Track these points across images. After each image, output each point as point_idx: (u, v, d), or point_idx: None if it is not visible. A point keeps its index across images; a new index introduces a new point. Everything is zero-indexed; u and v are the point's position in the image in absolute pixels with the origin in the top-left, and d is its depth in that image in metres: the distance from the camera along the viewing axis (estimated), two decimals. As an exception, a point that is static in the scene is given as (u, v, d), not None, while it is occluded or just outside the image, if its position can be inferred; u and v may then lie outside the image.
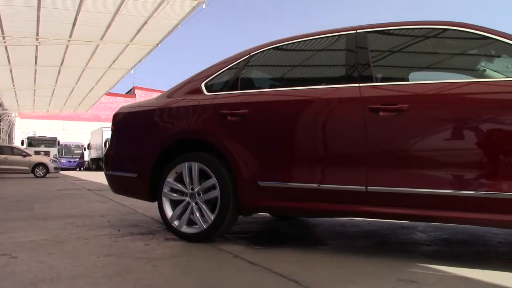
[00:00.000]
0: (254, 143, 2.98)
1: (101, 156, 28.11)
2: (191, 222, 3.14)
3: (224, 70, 3.36)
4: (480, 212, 2.35)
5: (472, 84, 2.52)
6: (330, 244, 3.12)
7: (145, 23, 12.78)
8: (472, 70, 2.82)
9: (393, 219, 3.46)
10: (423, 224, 3.88)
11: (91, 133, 36.07)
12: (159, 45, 14.91)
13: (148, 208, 5.23)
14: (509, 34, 2.50)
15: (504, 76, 2.54)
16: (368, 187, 2.58)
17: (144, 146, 3.44)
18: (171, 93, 3.57)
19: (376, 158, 2.59)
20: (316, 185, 2.74)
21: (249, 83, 3.33)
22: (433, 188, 2.42)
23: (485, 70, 2.72)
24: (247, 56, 3.32)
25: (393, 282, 2.10)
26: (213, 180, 3.04)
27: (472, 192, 2.34)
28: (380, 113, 2.58)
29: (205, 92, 3.33)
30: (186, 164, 3.16)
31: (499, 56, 2.65)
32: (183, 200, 3.17)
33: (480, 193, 2.32)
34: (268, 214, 4.44)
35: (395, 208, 2.55)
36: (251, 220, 4.24)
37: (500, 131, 2.35)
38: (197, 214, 3.08)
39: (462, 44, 2.79)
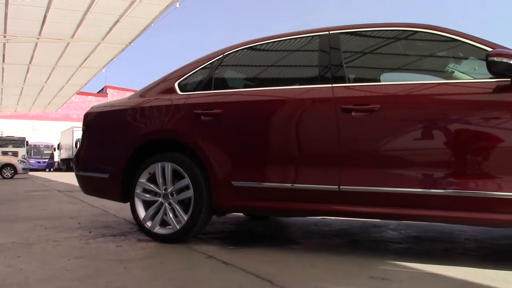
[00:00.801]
0: (228, 143, 2.97)
1: (72, 157, 27.51)
2: (164, 223, 3.11)
3: (198, 70, 3.34)
4: (448, 210, 2.41)
5: (441, 85, 2.58)
6: (303, 243, 3.15)
7: (117, 21, 12.57)
8: (441, 72, 2.89)
9: (365, 217, 3.52)
10: (394, 223, 3.95)
11: (61, 133, 35.25)
12: (132, 44, 14.70)
13: (120, 209, 5.15)
14: (476, 37, 2.58)
15: (471, 78, 2.62)
16: (341, 187, 2.61)
17: (116, 146, 3.39)
18: (143, 93, 3.53)
19: (349, 158, 2.63)
20: (290, 184, 2.76)
21: (223, 83, 3.33)
22: (404, 187, 2.47)
23: (453, 72, 2.80)
24: (221, 56, 3.31)
25: (365, 280, 2.13)
26: (186, 181, 3.02)
27: (441, 191, 2.39)
28: (353, 113, 2.61)
29: (179, 92, 3.31)
30: (159, 164, 3.13)
31: (466, 58, 2.72)
32: (156, 201, 3.13)
33: (449, 191, 2.38)
34: (242, 214, 4.44)
35: (367, 207, 2.60)
36: (225, 220, 4.23)
37: (467, 131, 2.41)
38: (170, 215, 3.05)
39: (431, 46, 2.86)
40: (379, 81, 2.89)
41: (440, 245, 3.02)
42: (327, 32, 2.97)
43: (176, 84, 3.35)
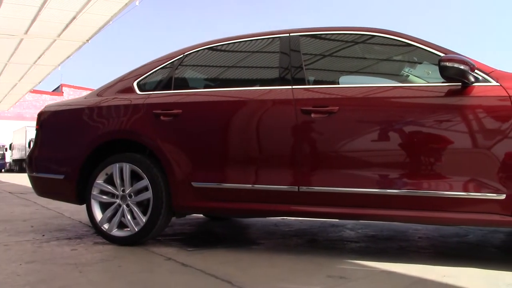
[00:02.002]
0: (187, 143, 2.95)
1: (24, 157, 26.45)
2: (122, 225, 3.05)
3: (158, 69, 3.30)
4: (403, 210, 2.49)
5: (397, 89, 2.67)
6: (263, 243, 3.16)
7: (74, 18, 12.19)
8: (397, 75, 2.98)
9: (324, 217, 3.58)
10: (351, 222, 4.04)
11: (13, 132, 33.82)
12: (89, 42, 14.31)
13: (75, 211, 5.00)
14: (430, 42, 2.67)
15: (425, 82, 2.72)
16: (300, 187, 2.64)
17: (72, 146, 3.29)
18: (101, 92, 3.44)
19: (308, 159, 2.67)
20: (250, 185, 2.77)
21: (183, 83, 3.29)
22: (361, 188, 2.53)
23: (408, 76, 2.89)
24: (181, 56, 3.28)
25: (323, 279, 2.16)
26: (145, 182, 2.97)
27: (397, 191, 2.47)
28: (312, 115, 2.65)
29: (137, 91, 3.25)
30: (117, 165, 3.06)
31: (420, 63, 2.82)
32: (114, 203, 3.06)
33: (403, 191, 2.46)
34: (202, 215, 4.42)
35: (326, 207, 2.64)
36: (184, 222, 4.19)
37: (421, 133, 2.50)
38: (128, 217, 2.99)
39: (388, 50, 2.94)
40: (338, 84, 2.95)
41: (395, 243, 3.12)
42: (288, 34, 3.00)
43: (135, 84, 3.29)
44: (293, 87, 2.79)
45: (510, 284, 2.05)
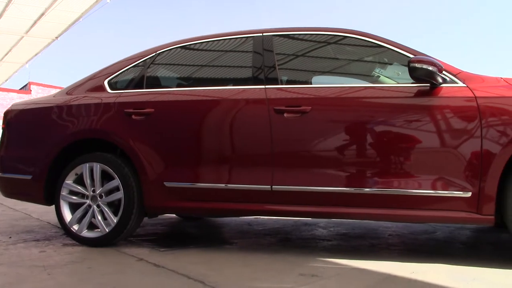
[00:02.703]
0: (160, 143, 2.92)
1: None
2: (92, 226, 2.99)
3: (129, 68, 3.25)
4: (374, 208, 2.54)
5: (368, 89, 2.71)
6: (236, 243, 3.16)
7: (42, 14, 11.90)
8: (368, 76, 3.03)
9: (297, 216, 3.61)
10: (324, 221, 4.08)
11: (-22, 131, 32.76)
12: (58, 39, 13.99)
13: (44, 212, 4.87)
14: (400, 44, 2.73)
15: (395, 82, 2.77)
16: (273, 186, 2.66)
17: (40, 145, 3.21)
18: (71, 90, 3.37)
19: (281, 158, 2.68)
20: (223, 185, 2.76)
21: (155, 82, 3.26)
22: (334, 186, 2.57)
23: (379, 76, 2.94)
24: (153, 54, 3.24)
25: (295, 277, 2.18)
26: (116, 182, 2.92)
27: (368, 189, 2.51)
28: (285, 115, 2.67)
29: (108, 90, 3.20)
30: (87, 165, 3.00)
31: (391, 64, 2.88)
32: (84, 203, 3.00)
33: (375, 190, 2.50)
34: (174, 215, 4.38)
35: (299, 206, 2.67)
36: (157, 222, 4.15)
37: (391, 133, 2.55)
38: (99, 217, 2.94)
39: (360, 51, 2.99)
40: (311, 84, 2.97)
41: (366, 241, 3.17)
42: (261, 34, 3.01)
43: (106, 82, 3.24)
44: (266, 86, 2.80)
45: (475, 279, 2.11)
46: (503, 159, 2.31)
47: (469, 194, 2.35)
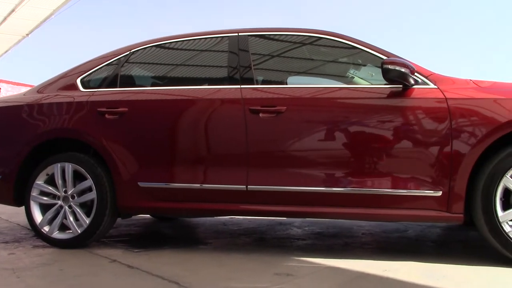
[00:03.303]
0: (134, 143, 2.88)
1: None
2: (64, 227, 2.93)
3: (103, 66, 3.20)
4: (348, 207, 2.57)
5: (342, 90, 2.74)
6: (211, 243, 3.15)
7: (13, 10, 11.57)
8: (342, 77, 3.07)
9: (272, 216, 3.63)
10: (299, 220, 4.11)
11: None
12: (29, 36, 13.65)
13: (13, 213, 4.74)
14: (373, 45, 2.77)
15: (369, 83, 2.81)
16: (249, 186, 2.66)
17: (9, 145, 3.12)
18: (42, 89, 3.29)
19: (256, 158, 2.69)
20: (198, 185, 2.75)
21: (129, 81, 3.22)
22: (308, 186, 2.59)
23: (353, 77, 2.98)
24: (128, 53, 3.20)
25: (271, 277, 2.19)
26: (88, 182, 2.87)
27: (342, 189, 2.55)
28: (260, 115, 2.68)
29: (81, 89, 3.13)
30: (59, 165, 2.94)
31: (365, 65, 2.92)
32: (55, 204, 2.94)
33: (349, 189, 2.54)
34: (148, 215, 4.34)
35: (274, 205, 2.68)
36: (130, 223, 4.09)
37: (365, 133, 2.59)
38: (71, 218, 2.88)
39: (334, 52, 3.02)
40: (286, 84, 2.99)
41: (340, 240, 3.21)
42: (236, 34, 3.01)
43: (78, 80, 3.17)
44: (242, 86, 2.80)
45: (445, 276, 2.17)
46: (472, 159, 2.37)
47: (439, 193, 2.41)
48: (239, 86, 2.80)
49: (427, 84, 2.56)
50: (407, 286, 2.04)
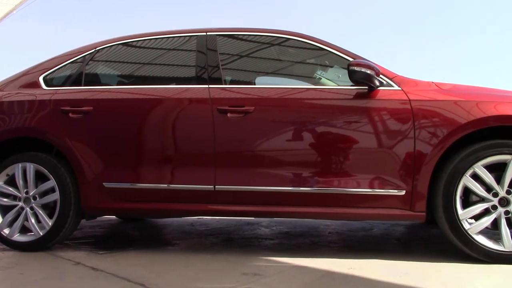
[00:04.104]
0: (99, 142, 2.82)
1: None
2: (25, 229, 2.84)
3: (67, 64, 3.11)
4: (315, 207, 2.61)
5: (310, 90, 2.77)
6: (178, 244, 3.13)
7: (-29, 4, 11.14)
8: (310, 78, 3.11)
9: (240, 216, 3.63)
10: (266, 220, 4.13)
11: None
12: (-11, 31, 13.15)
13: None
14: (340, 47, 2.82)
15: (335, 84, 2.86)
16: (216, 186, 2.65)
17: None
18: (2, 86, 3.17)
19: (224, 158, 2.68)
20: (166, 185, 2.73)
21: (94, 79, 3.15)
22: (276, 186, 2.61)
23: (320, 78, 3.02)
24: (93, 50, 3.13)
25: (238, 277, 2.19)
26: (51, 182, 2.79)
27: (309, 189, 2.58)
28: (228, 115, 2.67)
29: (44, 87, 3.04)
30: (20, 165, 2.84)
31: (332, 66, 2.96)
32: (16, 205, 2.84)
33: (315, 189, 2.57)
34: (114, 216, 4.26)
35: (242, 205, 2.69)
36: (95, 224, 4.01)
37: (331, 133, 2.63)
38: (32, 220, 2.80)
39: (302, 53, 3.05)
40: (254, 84, 3.00)
41: (307, 239, 3.24)
42: (205, 33, 2.99)
43: (41, 78, 3.08)
44: (210, 86, 2.79)
45: (407, 273, 2.23)
46: (434, 159, 2.45)
47: (403, 192, 2.48)
48: (207, 86, 2.79)
49: (392, 86, 2.62)
50: (371, 284, 2.08)
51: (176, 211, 2.84)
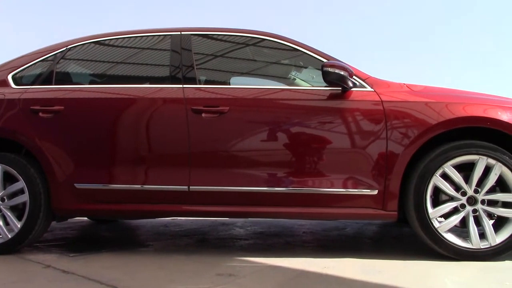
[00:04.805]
0: (70, 142, 2.77)
1: None
2: (-7, 232, 2.76)
3: (37, 62, 3.04)
4: (290, 207, 2.62)
5: (284, 91, 2.79)
6: (152, 245, 3.09)
7: None
8: (284, 78, 3.12)
9: (215, 216, 3.62)
10: (241, 220, 4.13)
11: None
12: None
13: None
14: (314, 48, 2.84)
15: (309, 85, 2.88)
16: (191, 187, 2.64)
17: None
18: (-32, 84, 3.07)
19: (198, 158, 2.67)
20: (139, 186, 2.69)
21: (65, 78, 3.08)
22: (251, 186, 2.61)
23: (295, 79, 3.04)
24: (64, 49, 3.06)
25: (212, 277, 2.18)
26: (20, 184, 2.72)
27: (284, 189, 2.59)
28: (203, 115, 2.66)
29: (12, 85, 2.96)
30: (-14, 166, 2.76)
31: (306, 67, 2.99)
32: (-18, 208, 2.76)
33: (290, 189, 2.58)
34: (86, 218, 4.18)
35: (216, 206, 2.68)
36: (66, 226, 3.93)
37: (305, 134, 2.65)
38: (0, 223, 2.72)
39: (277, 54, 3.06)
40: (229, 84, 2.99)
41: (281, 239, 3.26)
42: (179, 33, 2.97)
43: (9, 77, 2.99)
44: (184, 86, 2.77)
45: (380, 271, 2.26)
46: (405, 159, 2.50)
47: (375, 192, 2.52)
48: (181, 86, 2.77)
49: (364, 87, 2.66)
50: (344, 282, 2.10)
51: (149, 212, 2.81)
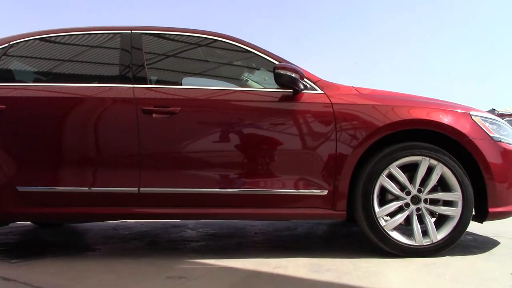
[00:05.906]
0: (12, 143, 2.64)
1: None
2: None
3: (-25, 58, 2.87)
4: (242, 208, 2.63)
5: (237, 92, 2.80)
6: (100, 249, 3.00)
7: None
8: (237, 80, 3.13)
9: (165, 218, 3.57)
10: (193, 222, 4.09)
11: None
12: None
13: None
14: (267, 51, 2.87)
15: (262, 87, 2.91)
16: (141, 189, 2.59)
17: None
18: None
19: (149, 160, 2.63)
20: (87, 188, 2.61)
21: (7, 76, 2.93)
22: (202, 188, 2.60)
23: (247, 80, 3.06)
24: (6, 45, 2.91)
25: (163, 281, 2.15)
26: (-44, 187, 2.56)
27: (236, 190, 2.59)
28: (153, 115, 2.62)
29: None
30: None
31: (258, 69, 3.01)
32: None
33: (242, 190, 2.59)
34: (29, 222, 4.00)
35: (167, 208, 2.65)
36: (7, 231, 3.73)
37: (258, 135, 2.67)
38: None
39: (229, 55, 3.07)
40: (181, 85, 2.96)
41: (233, 240, 3.26)
42: (129, 31, 2.91)
43: None
44: (134, 86, 2.71)
45: (329, 269, 2.31)
46: (354, 160, 2.57)
47: (325, 192, 2.57)
48: (131, 85, 2.71)
49: (315, 89, 2.72)
50: (295, 282, 2.14)
51: (98, 215, 2.74)
